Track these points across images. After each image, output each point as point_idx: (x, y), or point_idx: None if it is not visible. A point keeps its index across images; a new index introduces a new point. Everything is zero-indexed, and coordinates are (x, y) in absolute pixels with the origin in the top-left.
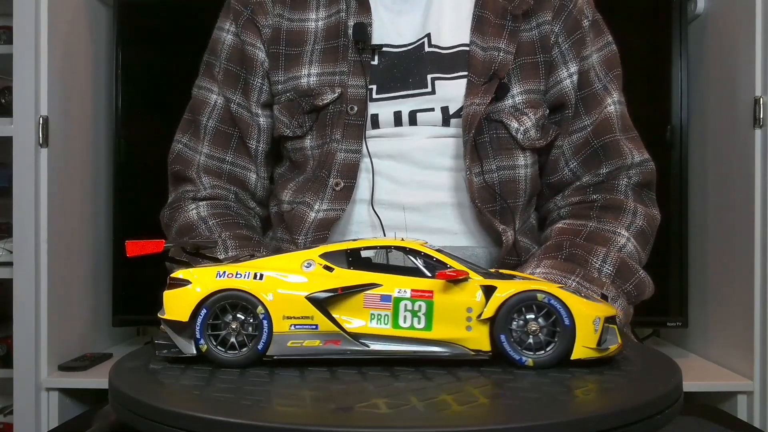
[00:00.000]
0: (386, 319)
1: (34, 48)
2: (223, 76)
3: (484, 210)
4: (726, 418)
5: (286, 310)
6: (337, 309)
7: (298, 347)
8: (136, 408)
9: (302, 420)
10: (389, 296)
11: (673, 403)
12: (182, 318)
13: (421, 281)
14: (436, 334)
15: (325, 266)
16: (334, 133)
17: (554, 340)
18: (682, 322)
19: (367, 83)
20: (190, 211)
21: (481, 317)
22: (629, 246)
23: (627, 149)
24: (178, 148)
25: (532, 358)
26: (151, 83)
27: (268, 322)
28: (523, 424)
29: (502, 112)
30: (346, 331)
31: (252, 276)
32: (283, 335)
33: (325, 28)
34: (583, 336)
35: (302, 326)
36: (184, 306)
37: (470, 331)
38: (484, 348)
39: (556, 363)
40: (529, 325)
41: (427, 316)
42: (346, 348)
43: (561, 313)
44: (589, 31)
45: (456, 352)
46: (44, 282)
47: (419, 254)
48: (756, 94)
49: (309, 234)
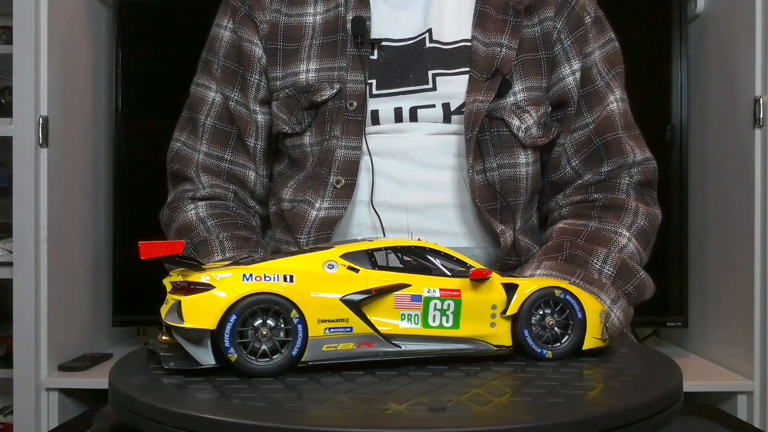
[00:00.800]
0: (416, 318)
1: (34, 48)
2: (222, 73)
3: (483, 209)
4: (726, 418)
5: (321, 314)
6: (369, 310)
7: (333, 351)
8: (136, 408)
9: (307, 421)
10: (419, 296)
11: (673, 403)
12: (208, 326)
13: (448, 281)
14: (464, 332)
15: (349, 267)
16: (334, 129)
17: (568, 333)
18: (682, 322)
19: (366, 78)
20: (189, 212)
21: (506, 314)
22: (630, 246)
23: (629, 147)
24: (176, 147)
25: (551, 351)
26: (151, 83)
27: (302, 327)
28: (523, 424)
29: (503, 110)
30: (381, 333)
31: (282, 278)
32: (318, 339)
33: (324, 22)
34: (592, 328)
35: (337, 329)
36: (209, 312)
37: (494, 328)
38: (506, 343)
39: (570, 353)
40: (547, 319)
41: (455, 315)
42: (379, 350)
43: (575, 307)
44: (592, 28)
45: (480, 348)
46: (44, 282)
47: (439, 254)
48: (756, 94)
49: (311, 233)
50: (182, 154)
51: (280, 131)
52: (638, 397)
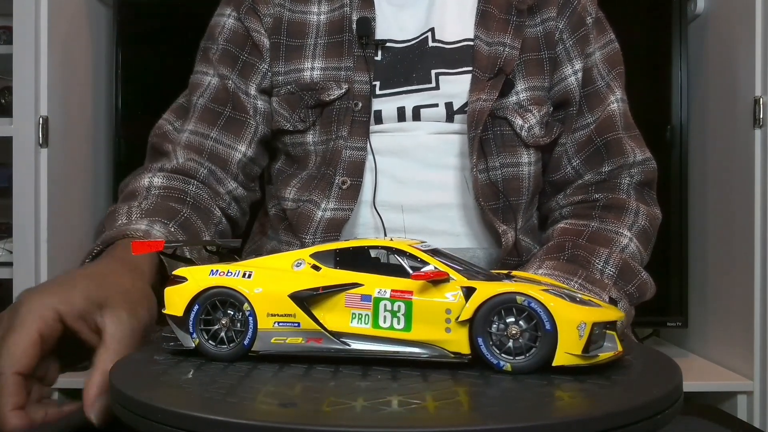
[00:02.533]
0: (367, 318)
1: (34, 48)
2: (220, 55)
3: (486, 208)
4: (726, 418)
5: (270, 308)
6: (319, 308)
7: (281, 344)
8: (136, 408)
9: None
10: (369, 296)
11: (673, 403)
12: (178, 313)
13: (401, 281)
14: (416, 335)
15: (313, 266)
16: (341, 130)
17: (536, 345)
18: (682, 322)
19: (371, 79)
20: (144, 179)
21: (459, 319)
22: (631, 246)
23: (629, 148)
24: (160, 123)
25: (511, 363)
26: (151, 83)
27: (253, 319)
28: (522, 424)
29: (506, 109)
30: (327, 330)
31: (241, 274)
32: (267, 332)
33: (328, 22)
34: (565, 341)
35: (285, 323)
36: (180, 301)
37: (450, 333)
38: (464, 351)
39: (535, 369)
40: (510, 328)
41: (407, 317)
42: (327, 346)
43: (542, 317)
44: (593, 29)
45: (435, 354)
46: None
47: (405, 254)
48: (756, 94)
49: (318, 234)
50: (162, 128)
51: (280, 128)
52: (638, 397)
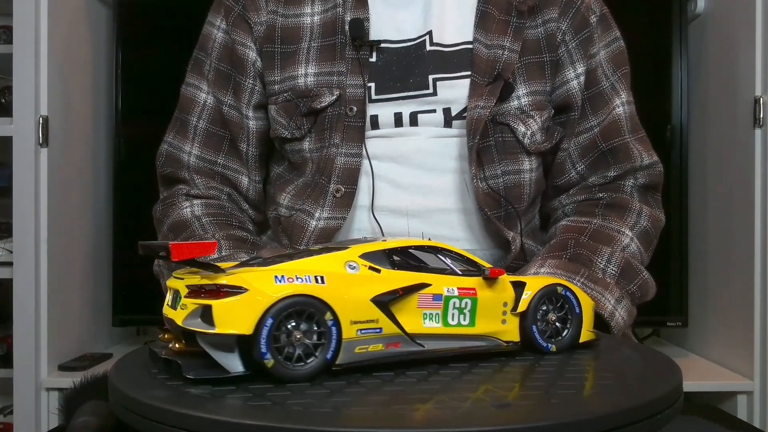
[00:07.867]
0: (437, 318)
1: (34, 48)
2: (214, 75)
3: (493, 218)
4: (726, 418)
5: (353, 315)
6: (396, 311)
7: (364, 353)
8: (135, 408)
9: (304, 422)
10: (440, 295)
11: (673, 403)
12: (245, 330)
13: (464, 279)
14: (479, 329)
15: (370, 267)
16: (333, 137)
17: (567, 327)
18: (682, 322)
19: (366, 82)
20: (184, 209)
21: (516, 311)
22: (633, 246)
23: (636, 151)
24: (165, 150)
25: (555, 344)
26: (150, 83)
27: (336, 329)
28: (522, 425)
29: (507, 115)
30: (407, 333)
31: (314, 279)
32: (351, 341)
33: (322, 23)
34: (587, 322)
35: (368, 330)
36: (246, 317)
37: (505, 324)
38: (515, 339)
39: (569, 346)
40: (549, 315)
41: (472, 313)
42: (406, 350)
43: (574, 303)
44: (597, 27)
45: (492, 345)
46: (44, 282)
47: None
48: (756, 94)
49: (310, 244)
50: (171, 156)
51: (278, 136)
52: (638, 397)
